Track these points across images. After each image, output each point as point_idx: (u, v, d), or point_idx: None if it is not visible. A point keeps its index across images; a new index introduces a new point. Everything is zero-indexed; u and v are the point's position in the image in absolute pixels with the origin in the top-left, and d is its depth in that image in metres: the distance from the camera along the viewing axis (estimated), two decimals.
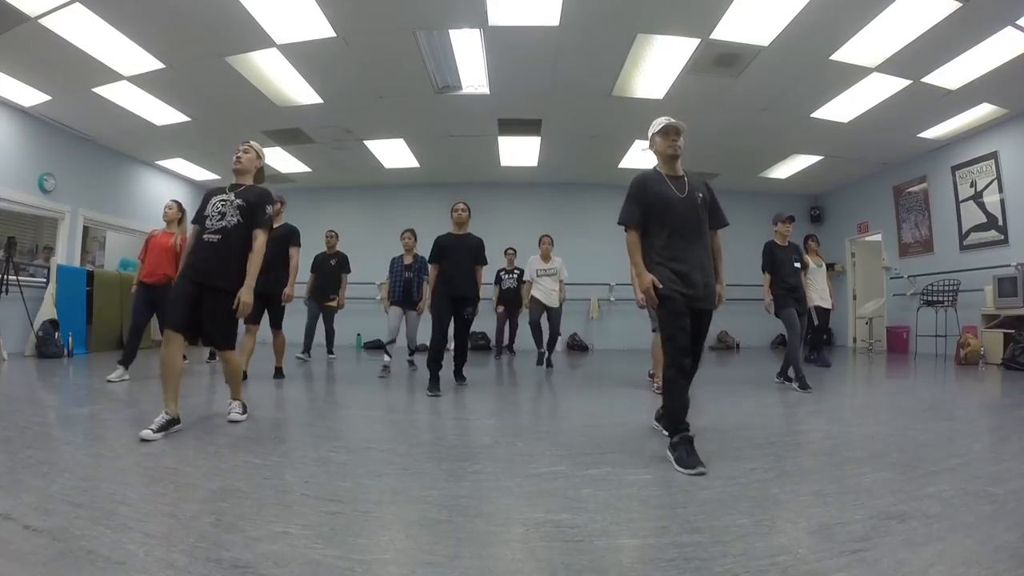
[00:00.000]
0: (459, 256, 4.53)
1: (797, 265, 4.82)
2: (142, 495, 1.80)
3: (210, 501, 1.74)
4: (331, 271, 6.67)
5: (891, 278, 8.93)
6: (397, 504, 1.80)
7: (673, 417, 2.39)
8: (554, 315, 6.32)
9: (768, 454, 2.43)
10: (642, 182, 2.61)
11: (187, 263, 2.95)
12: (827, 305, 6.51)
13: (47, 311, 6.50)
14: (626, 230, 2.61)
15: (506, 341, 7.86)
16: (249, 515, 1.64)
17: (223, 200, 3.01)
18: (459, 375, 4.73)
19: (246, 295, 2.89)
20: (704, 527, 1.56)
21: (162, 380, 2.76)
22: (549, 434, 2.69)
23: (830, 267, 7.91)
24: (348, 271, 6.73)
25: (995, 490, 1.86)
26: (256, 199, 3.04)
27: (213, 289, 2.87)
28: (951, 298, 7.22)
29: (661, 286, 2.46)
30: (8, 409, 3.24)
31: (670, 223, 2.53)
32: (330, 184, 10.26)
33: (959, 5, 4.44)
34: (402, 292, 5.75)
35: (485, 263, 4.69)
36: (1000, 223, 6.94)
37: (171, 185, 9.63)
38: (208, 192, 3.13)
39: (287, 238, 4.75)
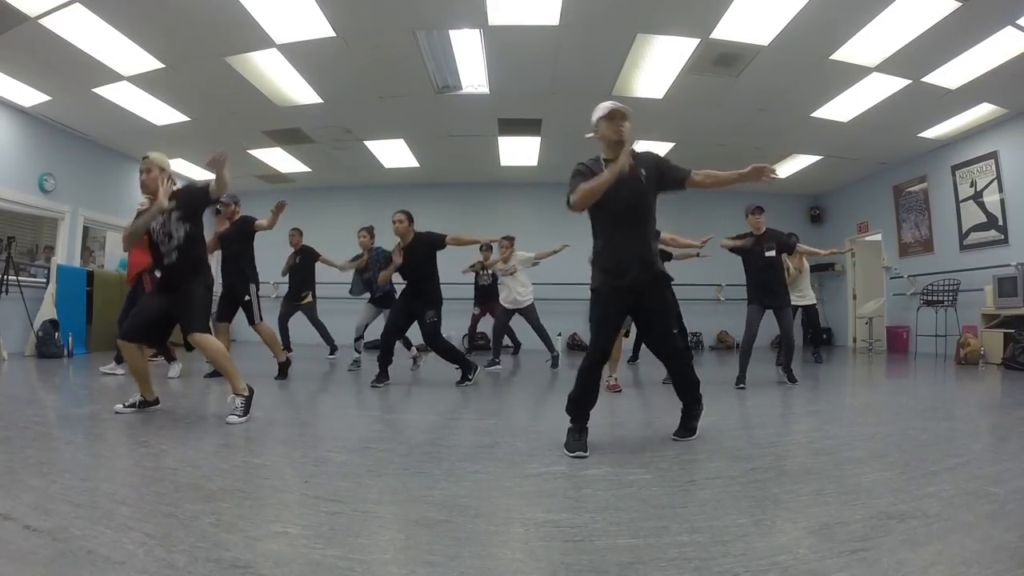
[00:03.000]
0: (410, 265, 4.56)
1: (770, 254, 4.56)
2: (142, 495, 1.80)
3: (210, 501, 1.74)
4: (297, 268, 6.67)
5: (891, 278, 8.93)
6: (397, 504, 1.80)
7: (579, 405, 2.45)
8: (528, 313, 6.13)
9: (768, 454, 2.42)
10: (583, 169, 2.50)
11: (156, 281, 3.23)
12: (808, 302, 6.52)
13: (47, 311, 6.50)
14: (570, 204, 2.45)
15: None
16: (249, 515, 1.64)
17: (161, 223, 3.14)
18: (464, 376, 4.70)
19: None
20: (704, 527, 1.56)
21: (132, 374, 3.21)
22: (549, 434, 2.69)
23: (831, 266, 7.94)
24: (317, 256, 6.69)
25: (995, 490, 1.86)
26: (187, 197, 3.21)
27: (184, 285, 3.17)
28: (951, 298, 7.22)
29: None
30: (8, 409, 3.24)
31: (608, 208, 2.46)
32: (330, 184, 10.25)
33: (959, 5, 4.44)
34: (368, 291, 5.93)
35: (443, 244, 4.57)
36: (1000, 223, 6.93)
37: None
38: (139, 212, 3.32)
39: (247, 233, 4.73)
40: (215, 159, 2.96)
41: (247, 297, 4.79)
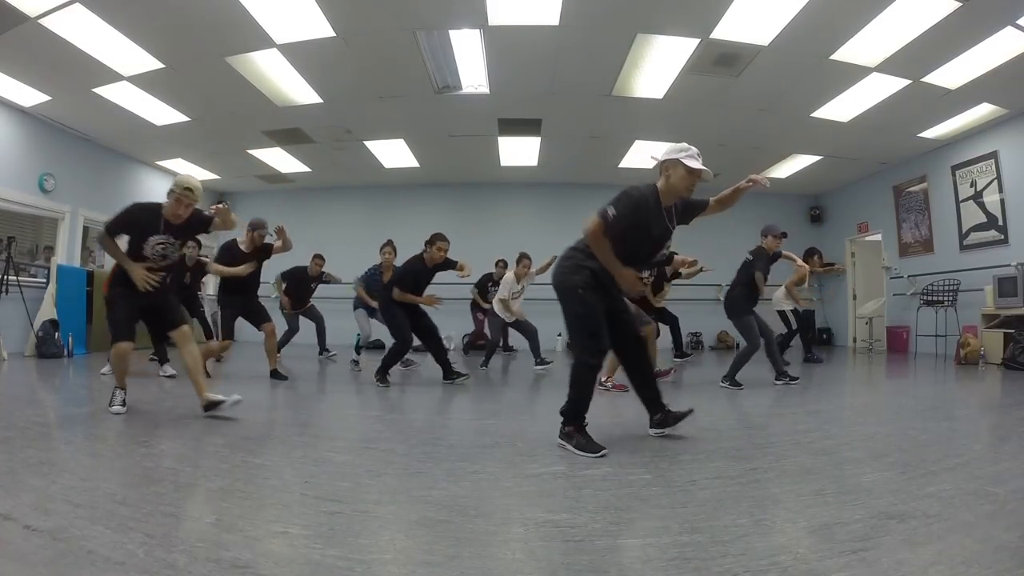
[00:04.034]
0: (427, 285, 4.81)
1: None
2: (142, 495, 1.80)
3: (210, 501, 1.74)
4: (312, 290, 6.80)
5: (891, 278, 8.93)
6: (397, 504, 1.80)
7: (582, 409, 2.48)
8: (520, 323, 6.11)
9: (768, 454, 2.43)
10: (644, 206, 2.44)
11: (132, 289, 3.16)
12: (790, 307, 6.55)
13: (47, 311, 6.50)
14: (601, 219, 2.38)
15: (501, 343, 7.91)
16: (249, 515, 1.64)
17: (162, 243, 3.16)
18: (452, 373, 4.72)
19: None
20: (704, 527, 1.56)
21: (118, 373, 3.18)
22: (549, 434, 2.69)
23: (830, 266, 7.97)
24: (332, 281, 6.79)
25: (995, 490, 1.86)
26: (193, 227, 3.28)
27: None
28: (951, 298, 7.22)
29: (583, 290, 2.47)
30: (8, 409, 3.24)
31: (634, 254, 2.52)
32: (330, 184, 10.25)
33: (959, 5, 4.44)
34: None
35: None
36: (1000, 223, 6.93)
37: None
38: (135, 214, 3.15)
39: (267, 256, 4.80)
40: (220, 211, 3.26)
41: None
